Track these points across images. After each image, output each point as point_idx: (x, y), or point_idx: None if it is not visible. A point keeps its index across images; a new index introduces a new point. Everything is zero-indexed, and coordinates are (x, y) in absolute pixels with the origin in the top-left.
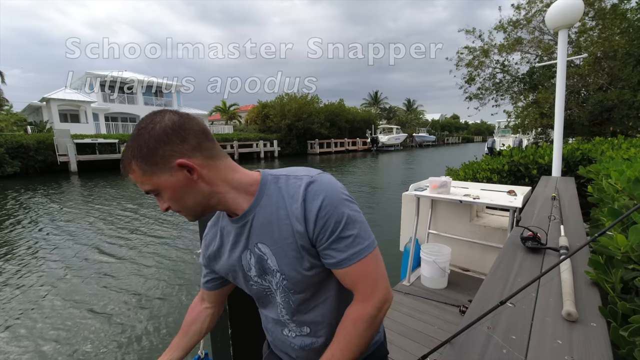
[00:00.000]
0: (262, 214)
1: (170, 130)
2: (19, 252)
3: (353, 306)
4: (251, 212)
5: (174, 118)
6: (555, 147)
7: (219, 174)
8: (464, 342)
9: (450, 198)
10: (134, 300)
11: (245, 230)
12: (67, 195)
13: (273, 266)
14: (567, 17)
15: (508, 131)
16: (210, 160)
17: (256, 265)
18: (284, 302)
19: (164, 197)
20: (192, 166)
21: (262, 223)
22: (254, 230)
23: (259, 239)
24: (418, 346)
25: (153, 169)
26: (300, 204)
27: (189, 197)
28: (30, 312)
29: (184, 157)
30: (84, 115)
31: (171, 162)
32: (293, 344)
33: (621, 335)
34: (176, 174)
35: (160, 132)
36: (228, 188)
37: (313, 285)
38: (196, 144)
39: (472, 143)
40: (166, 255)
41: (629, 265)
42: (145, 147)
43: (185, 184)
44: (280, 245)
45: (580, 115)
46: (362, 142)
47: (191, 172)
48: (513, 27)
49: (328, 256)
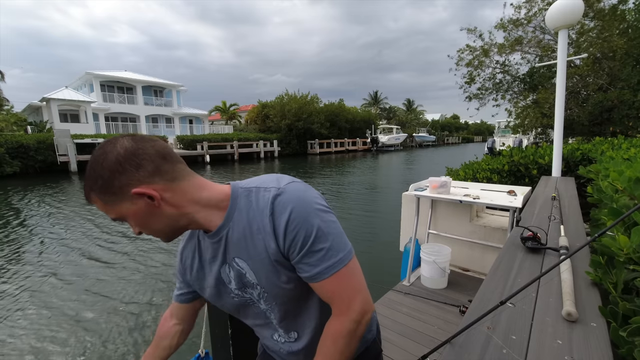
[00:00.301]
0: (235, 229)
1: (123, 159)
2: (17, 253)
3: (332, 321)
4: (225, 227)
5: (127, 145)
6: (555, 147)
7: (185, 195)
8: (464, 342)
9: (450, 198)
10: (130, 302)
11: (222, 246)
12: (67, 195)
13: (252, 280)
14: (567, 17)
15: (508, 131)
16: (172, 183)
17: (236, 279)
18: (269, 309)
19: (132, 223)
20: (150, 193)
21: (237, 238)
22: (230, 245)
23: (235, 253)
24: (418, 346)
25: (112, 198)
26: (269, 219)
27: (155, 222)
28: (27, 312)
29: (141, 185)
30: (84, 115)
31: (128, 192)
32: (282, 349)
33: (621, 336)
34: (137, 202)
35: (113, 162)
36: (197, 207)
37: (295, 297)
38: (153, 169)
39: (472, 143)
40: (167, 255)
41: (630, 266)
42: (100, 179)
43: (148, 211)
44: (255, 260)
45: (580, 115)
46: (362, 142)
47: (152, 199)
48: (514, 26)
49: (301, 270)
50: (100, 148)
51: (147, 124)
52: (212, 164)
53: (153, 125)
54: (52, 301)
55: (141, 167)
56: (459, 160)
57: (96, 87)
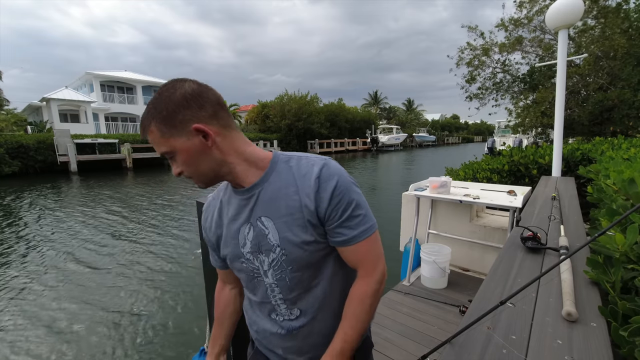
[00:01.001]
0: (270, 189)
1: (190, 97)
2: (15, 253)
3: (358, 284)
4: (259, 185)
5: (194, 86)
6: (555, 147)
7: (232, 144)
8: (464, 342)
9: (450, 198)
10: (132, 302)
11: (250, 203)
12: (66, 195)
13: (273, 241)
14: (567, 17)
15: (508, 131)
16: (225, 130)
17: (253, 240)
18: (278, 280)
19: (178, 160)
20: (208, 132)
21: (269, 197)
22: (259, 204)
23: (263, 212)
24: (418, 346)
25: (171, 131)
26: (314, 182)
27: (202, 162)
28: (25, 311)
29: (201, 123)
30: (84, 115)
31: (188, 127)
32: (280, 330)
33: (621, 335)
34: (192, 138)
35: (180, 97)
36: (239, 160)
37: (309, 265)
38: (213, 113)
39: (472, 143)
40: (167, 256)
41: (628, 264)
42: (165, 110)
43: (199, 149)
44: (285, 220)
45: (580, 115)
46: (362, 142)
47: (206, 138)
48: (514, 26)
49: (338, 234)
50: (168, 85)
51: None
52: None
53: None
54: (41, 303)
55: (203, 108)
56: (459, 160)
57: (96, 87)
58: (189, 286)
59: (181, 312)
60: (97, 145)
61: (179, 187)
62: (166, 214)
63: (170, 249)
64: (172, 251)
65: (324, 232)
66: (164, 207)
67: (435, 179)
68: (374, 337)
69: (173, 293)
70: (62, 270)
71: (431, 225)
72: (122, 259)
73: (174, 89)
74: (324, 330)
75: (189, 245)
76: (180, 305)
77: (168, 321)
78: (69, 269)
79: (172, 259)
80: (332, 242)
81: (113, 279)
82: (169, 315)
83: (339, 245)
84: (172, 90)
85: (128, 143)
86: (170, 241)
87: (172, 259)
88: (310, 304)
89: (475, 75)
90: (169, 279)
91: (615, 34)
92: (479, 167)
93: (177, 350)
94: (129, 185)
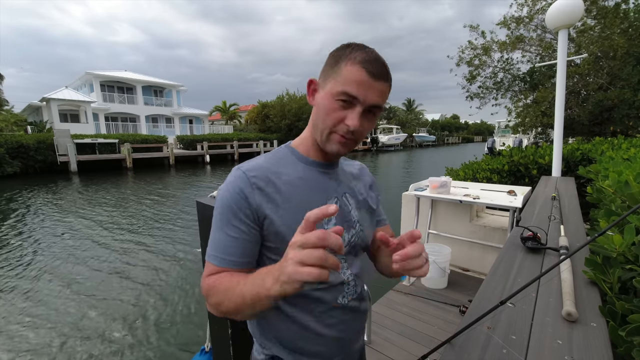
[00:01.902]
0: (343, 167)
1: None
2: (15, 253)
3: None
4: (339, 163)
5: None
6: (555, 147)
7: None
8: (464, 342)
9: (450, 198)
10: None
11: (335, 178)
12: (66, 195)
13: (355, 217)
14: (567, 17)
15: (508, 131)
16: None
17: (338, 216)
18: (348, 256)
19: (374, 117)
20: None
21: (346, 175)
22: (343, 180)
23: (346, 189)
24: (418, 346)
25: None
26: (369, 174)
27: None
28: (25, 312)
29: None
30: (84, 115)
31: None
32: (343, 316)
33: (619, 335)
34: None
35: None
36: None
37: (368, 243)
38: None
39: (472, 143)
40: (167, 256)
41: (626, 265)
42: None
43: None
44: (359, 199)
45: (580, 115)
46: (362, 142)
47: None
48: (516, 24)
49: (380, 213)
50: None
51: (147, 124)
52: (212, 164)
53: (153, 125)
54: (45, 301)
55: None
56: (459, 160)
57: (96, 87)
58: (189, 286)
59: (182, 311)
60: (97, 145)
61: (179, 187)
62: (166, 213)
63: (171, 248)
64: (172, 251)
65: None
66: (163, 206)
67: (435, 179)
68: (374, 336)
69: (173, 293)
70: (62, 270)
71: (431, 225)
72: (122, 258)
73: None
74: (365, 307)
75: (189, 245)
76: (180, 304)
77: (168, 321)
78: (69, 268)
79: (172, 259)
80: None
81: (112, 279)
82: (169, 314)
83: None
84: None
85: (128, 143)
86: (170, 241)
87: (172, 259)
88: (362, 281)
89: (475, 75)
90: (169, 279)
91: (615, 34)
92: (479, 167)
93: (178, 350)
94: (128, 185)
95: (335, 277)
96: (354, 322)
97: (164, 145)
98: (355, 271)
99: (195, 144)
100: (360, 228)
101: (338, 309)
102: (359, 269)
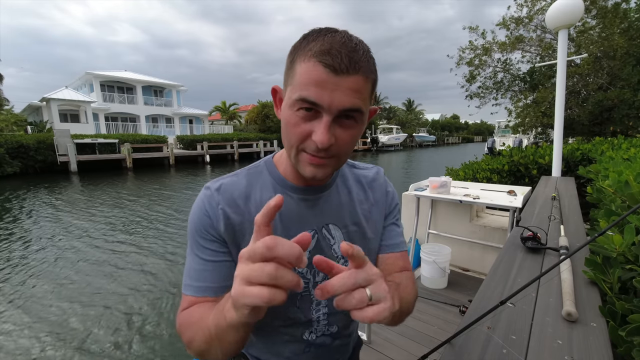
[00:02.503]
0: (337, 193)
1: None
2: (15, 253)
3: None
4: (329, 186)
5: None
6: (555, 147)
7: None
8: (464, 342)
9: (450, 198)
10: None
11: (320, 206)
12: (66, 195)
13: (339, 253)
14: (567, 17)
15: (508, 131)
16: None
17: (313, 251)
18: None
19: (354, 126)
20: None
21: (336, 204)
22: (332, 208)
23: (333, 219)
24: (418, 346)
25: (371, 95)
26: (384, 183)
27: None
28: (25, 312)
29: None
30: (84, 115)
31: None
32: (308, 350)
33: (620, 335)
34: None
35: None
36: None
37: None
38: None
39: (472, 143)
40: (168, 256)
41: (626, 265)
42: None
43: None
44: (349, 229)
45: (580, 115)
46: (362, 142)
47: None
48: (515, 25)
49: (391, 235)
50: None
51: (147, 124)
52: (212, 164)
53: (153, 125)
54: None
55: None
56: (459, 160)
57: (96, 87)
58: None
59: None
60: (97, 145)
61: (179, 187)
62: (166, 213)
63: (171, 248)
64: (172, 250)
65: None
66: (163, 206)
67: (435, 179)
68: (374, 336)
69: (174, 293)
70: (61, 270)
71: (431, 225)
72: (122, 258)
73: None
74: (343, 342)
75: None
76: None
77: (169, 320)
78: (69, 268)
79: (172, 259)
80: (382, 245)
81: (113, 279)
82: (170, 314)
83: (387, 249)
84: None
85: (128, 143)
86: (170, 241)
87: (172, 259)
88: (347, 316)
89: (475, 75)
90: (169, 279)
91: (615, 34)
92: (479, 167)
93: (179, 349)
94: (128, 185)
95: (303, 314)
96: (326, 356)
97: (164, 145)
98: (332, 311)
99: (195, 144)
100: (345, 265)
101: (303, 343)
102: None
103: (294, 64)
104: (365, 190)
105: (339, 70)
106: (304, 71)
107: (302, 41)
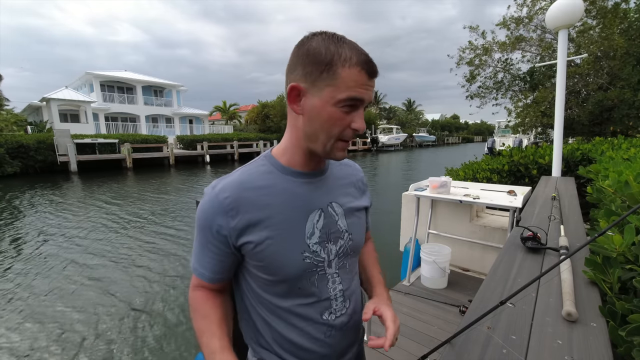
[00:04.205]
0: (333, 173)
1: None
2: (15, 253)
3: (369, 245)
4: (328, 169)
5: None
6: (555, 147)
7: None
8: (464, 342)
9: (450, 198)
10: (130, 307)
11: (322, 187)
12: (66, 195)
13: (343, 227)
14: (567, 17)
15: (508, 131)
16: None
17: (323, 229)
18: (341, 269)
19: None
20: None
21: (336, 180)
22: (330, 188)
23: (333, 197)
24: (418, 346)
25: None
26: (361, 171)
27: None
28: (25, 312)
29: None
30: (84, 115)
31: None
32: (328, 332)
33: (619, 335)
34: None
35: None
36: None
37: (360, 249)
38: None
39: (472, 143)
40: (168, 255)
41: (626, 265)
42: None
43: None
44: (349, 206)
45: (580, 115)
46: (362, 142)
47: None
48: (515, 25)
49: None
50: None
51: (147, 124)
52: (212, 164)
53: (153, 125)
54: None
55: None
56: (459, 160)
57: (96, 87)
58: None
59: (183, 311)
60: (97, 145)
61: (179, 187)
62: (166, 213)
63: (171, 247)
64: (172, 250)
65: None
66: (163, 206)
67: (435, 179)
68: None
69: (175, 292)
70: (61, 270)
71: (431, 225)
72: (123, 258)
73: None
74: (357, 320)
75: (189, 244)
76: (182, 304)
77: (170, 320)
78: (69, 268)
79: (172, 258)
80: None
81: (113, 279)
82: (171, 314)
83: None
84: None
85: (128, 143)
86: (171, 240)
87: (172, 258)
88: (355, 289)
89: (475, 75)
90: (170, 278)
91: (615, 34)
92: (479, 167)
93: (180, 349)
94: (129, 185)
95: (321, 292)
96: (342, 340)
97: (164, 145)
98: (346, 286)
99: (195, 144)
100: (349, 237)
101: (323, 325)
102: (349, 284)
103: (334, 68)
104: (347, 174)
105: (373, 74)
106: (351, 76)
107: (330, 47)
